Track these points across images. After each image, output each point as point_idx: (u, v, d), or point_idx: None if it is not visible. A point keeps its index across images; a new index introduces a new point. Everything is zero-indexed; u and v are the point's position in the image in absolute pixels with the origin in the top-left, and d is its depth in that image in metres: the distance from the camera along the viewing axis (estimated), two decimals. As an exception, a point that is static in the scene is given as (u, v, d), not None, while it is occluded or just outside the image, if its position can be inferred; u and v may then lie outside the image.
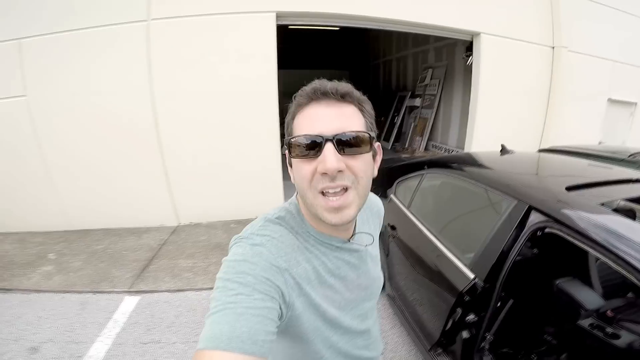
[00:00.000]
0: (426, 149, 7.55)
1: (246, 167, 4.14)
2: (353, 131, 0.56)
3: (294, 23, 3.99)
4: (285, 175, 4.31)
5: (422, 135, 7.55)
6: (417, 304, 1.94)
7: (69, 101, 3.64)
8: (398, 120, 8.51)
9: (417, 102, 7.90)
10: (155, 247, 3.59)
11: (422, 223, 2.08)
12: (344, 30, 4.30)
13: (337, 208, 0.57)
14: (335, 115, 0.57)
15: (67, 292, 2.80)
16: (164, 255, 3.40)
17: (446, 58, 7.01)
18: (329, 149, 0.54)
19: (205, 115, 3.87)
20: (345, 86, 0.58)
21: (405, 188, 2.48)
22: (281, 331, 0.61)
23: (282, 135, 4.32)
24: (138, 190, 3.99)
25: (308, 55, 11.17)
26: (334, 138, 0.55)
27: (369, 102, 0.63)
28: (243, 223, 4.19)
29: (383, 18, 4.08)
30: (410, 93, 8.36)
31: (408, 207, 2.29)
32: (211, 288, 2.67)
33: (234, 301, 0.49)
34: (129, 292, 2.79)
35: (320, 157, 0.55)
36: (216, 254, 3.42)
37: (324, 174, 0.55)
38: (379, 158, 0.67)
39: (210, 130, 3.93)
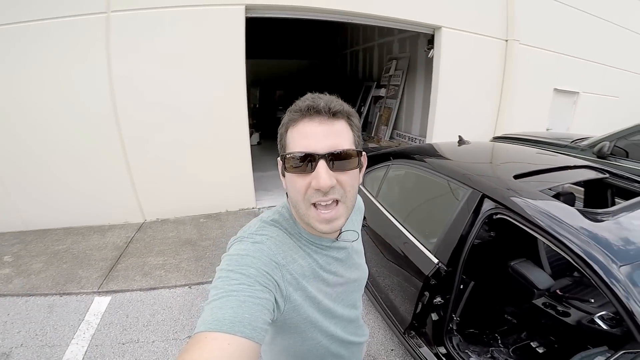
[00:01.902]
0: (391, 137, 7.77)
1: (214, 160, 4.08)
2: (344, 149, 0.61)
3: (262, 16, 3.93)
4: (255, 167, 4.32)
5: (387, 125, 7.75)
6: (389, 290, 2.06)
7: (23, 95, 3.39)
8: (364, 110, 8.67)
9: (382, 92, 8.06)
10: (122, 245, 3.48)
11: (389, 212, 2.20)
12: (313, 20, 4.30)
13: (328, 220, 0.63)
14: (328, 132, 0.60)
15: (31, 295, 2.68)
16: (132, 254, 3.31)
17: (409, 50, 7.20)
18: (322, 166, 0.59)
19: (170, 108, 3.74)
20: (336, 103, 0.62)
21: (372, 178, 2.59)
22: (279, 325, 0.67)
23: (251, 126, 4.22)
24: (99, 187, 3.81)
25: (276, 45, 10.97)
26: (326, 155, 0.59)
27: (357, 115, 0.68)
28: (213, 217, 4.16)
29: (349, 11, 4.12)
30: (375, 83, 8.51)
31: (376, 197, 2.41)
32: (185, 285, 2.69)
33: (236, 289, 0.53)
34: (99, 293, 2.72)
35: (314, 174, 0.59)
36: (187, 250, 3.37)
37: (317, 189, 0.60)
38: (364, 168, 0.72)
39: (175, 123, 3.82)
